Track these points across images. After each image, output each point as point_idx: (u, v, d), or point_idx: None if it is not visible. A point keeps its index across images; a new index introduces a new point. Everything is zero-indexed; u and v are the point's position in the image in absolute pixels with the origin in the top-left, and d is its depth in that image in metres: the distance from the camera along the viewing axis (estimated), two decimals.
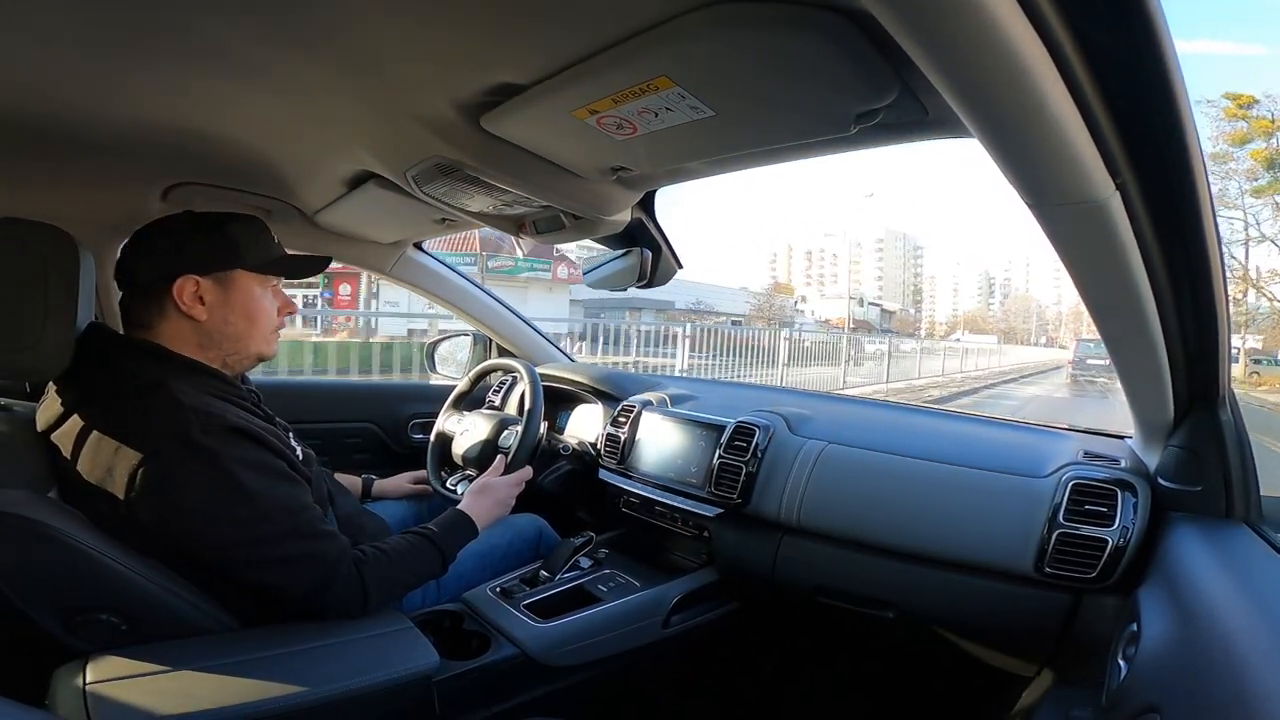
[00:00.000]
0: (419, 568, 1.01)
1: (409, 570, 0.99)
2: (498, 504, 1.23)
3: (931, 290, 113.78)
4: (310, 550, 0.87)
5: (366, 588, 0.90)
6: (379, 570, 0.93)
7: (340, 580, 0.88)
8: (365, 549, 0.94)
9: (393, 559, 0.96)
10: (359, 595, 0.90)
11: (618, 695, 1.20)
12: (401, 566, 0.97)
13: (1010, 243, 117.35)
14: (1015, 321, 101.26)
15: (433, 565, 1.02)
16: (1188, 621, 0.68)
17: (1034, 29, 0.43)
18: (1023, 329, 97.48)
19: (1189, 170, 0.56)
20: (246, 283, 0.97)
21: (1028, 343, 72.43)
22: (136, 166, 1.17)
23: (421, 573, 1.01)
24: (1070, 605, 0.99)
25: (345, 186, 1.27)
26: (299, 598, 0.87)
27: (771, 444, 1.30)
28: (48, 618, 0.75)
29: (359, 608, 0.91)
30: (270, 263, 0.99)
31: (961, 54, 0.44)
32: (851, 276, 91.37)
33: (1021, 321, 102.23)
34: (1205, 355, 0.80)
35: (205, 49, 0.74)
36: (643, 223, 1.30)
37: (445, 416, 1.69)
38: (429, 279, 1.87)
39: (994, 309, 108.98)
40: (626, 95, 0.72)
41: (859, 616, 1.18)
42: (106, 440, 0.82)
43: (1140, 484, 0.98)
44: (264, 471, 0.87)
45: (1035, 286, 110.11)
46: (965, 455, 1.15)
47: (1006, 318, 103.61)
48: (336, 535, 0.91)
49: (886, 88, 0.66)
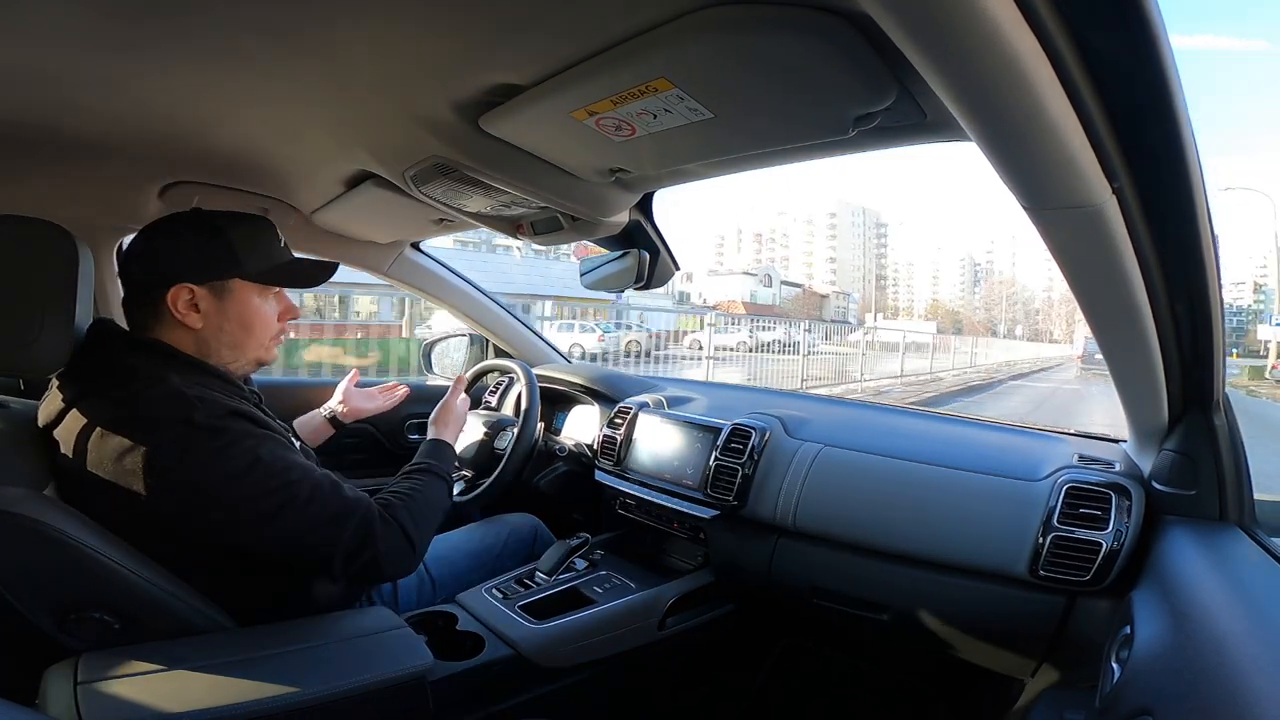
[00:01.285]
0: (434, 498, 1.00)
1: (428, 503, 0.98)
2: (457, 421, 1.26)
3: (909, 278, 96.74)
4: (340, 500, 0.86)
5: (406, 532, 0.90)
6: (407, 512, 0.92)
7: (379, 531, 0.87)
8: (383, 497, 0.94)
9: (413, 497, 0.95)
10: (404, 541, 0.89)
11: (613, 696, 1.20)
12: (423, 502, 0.97)
13: (994, 222, 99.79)
14: (996, 311, 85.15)
15: (441, 492, 1.03)
16: (1181, 624, 0.68)
17: (1033, 33, 0.43)
18: (994, 320, 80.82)
19: (1186, 175, 0.56)
20: (244, 292, 0.94)
21: (1013, 336, 62.11)
22: (133, 165, 1.16)
23: (438, 503, 1.01)
24: (1064, 608, 0.99)
25: (343, 186, 1.27)
26: (347, 555, 0.85)
27: (768, 446, 1.30)
28: (40, 615, 0.74)
29: (410, 553, 0.90)
30: (270, 271, 0.96)
31: (960, 57, 0.44)
32: (806, 259, 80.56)
33: (994, 311, 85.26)
34: (1200, 359, 0.80)
35: (202, 48, 0.74)
36: (641, 224, 1.30)
37: None
38: (426, 279, 1.87)
39: (977, 296, 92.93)
40: (625, 97, 0.72)
41: (854, 619, 1.19)
42: (108, 434, 0.81)
43: (1134, 487, 0.98)
44: (274, 443, 0.86)
45: (1023, 270, 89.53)
46: (960, 458, 1.15)
47: (986, 307, 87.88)
48: (360, 492, 0.90)
49: (885, 91, 0.67)
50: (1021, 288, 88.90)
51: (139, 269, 0.93)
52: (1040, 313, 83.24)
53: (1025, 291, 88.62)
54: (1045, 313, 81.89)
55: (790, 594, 1.26)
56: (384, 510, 0.90)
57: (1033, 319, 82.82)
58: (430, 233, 1.64)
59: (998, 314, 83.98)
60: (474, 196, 1.11)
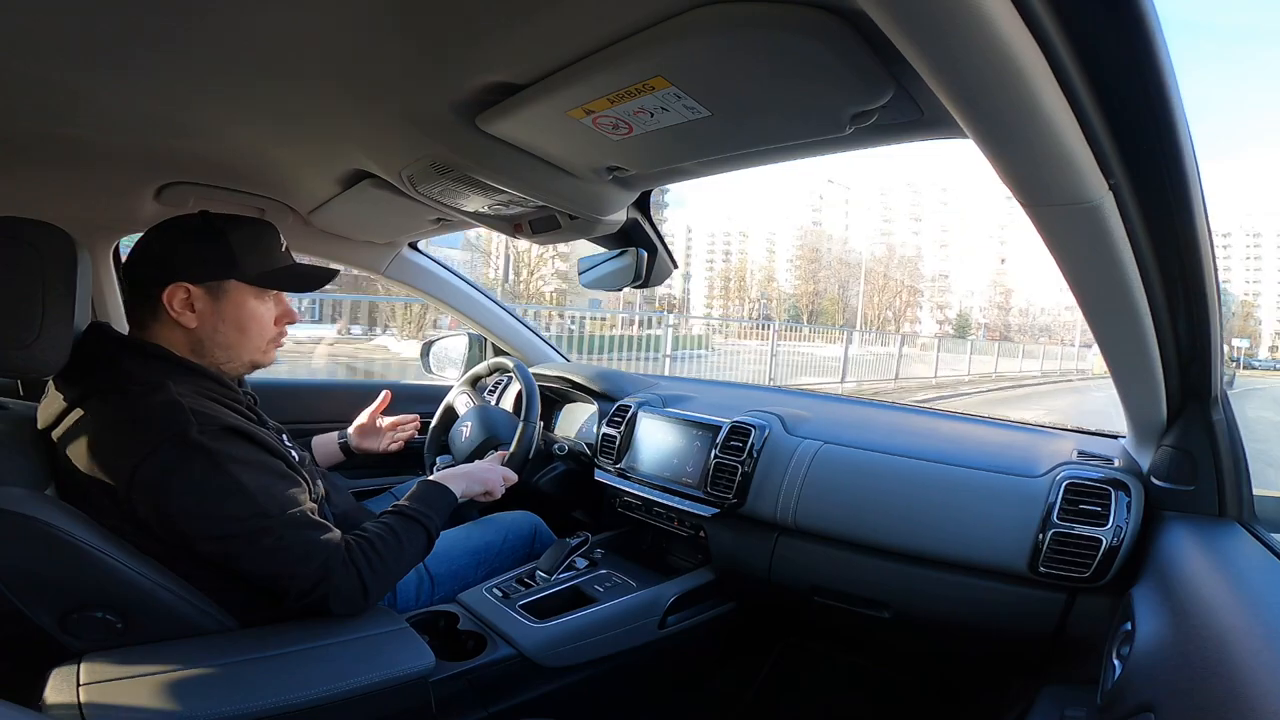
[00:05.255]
0: (405, 547, 0.96)
1: (395, 553, 0.95)
2: (469, 477, 1.18)
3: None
4: (307, 540, 0.86)
5: (363, 579, 0.89)
6: (367, 560, 0.90)
7: (336, 574, 0.87)
8: (351, 537, 0.92)
9: (382, 544, 0.93)
10: (357, 587, 0.88)
11: (614, 695, 1.20)
12: (389, 550, 0.93)
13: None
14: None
15: (417, 542, 0.98)
16: (1181, 620, 0.68)
17: (1028, 29, 0.43)
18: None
19: (1182, 171, 0.56)
20: (240, 294, 0.95)
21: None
22: (130, 166, 1.16)
23: (407, 552, 0.97)
24: (1064, 604, 0.99)
25: (340, 186, 1.26)
26: (301, 591, 0.86)
27: (767, 444, 1.30)
28: (43, 615, 0.75)
29: (360, 598, 0.89)
30: (267, 275, 0.97)
31: (956, 54, 0.44)
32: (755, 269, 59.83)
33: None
34: (1198, 355, 0.80)
35: (196, 50, 0.74)
36: (638, 223, 1.30)
37: (458, 392, 1.73)
38: (424, 279, 1.87)
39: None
40: (622, 95, 0.72)
41: (855, 616, 1.19)
42: (106, 438, 0.83)
43: (1134, 483, 0.98)
44: (260, 469, 0.87)
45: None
46: (960, 455, 1.15)
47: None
48: (332, 529, 0.90)
49: (881, 88, 0.67)
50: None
51: (139, 267, 0.94)
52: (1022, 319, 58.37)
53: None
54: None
55: (790, 592, 1.26)
56: (347, 553, 0.89)
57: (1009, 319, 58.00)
58: (428, 232, 1.64)
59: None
60: (471, 196, 1.11)
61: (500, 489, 1.25)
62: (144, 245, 0.95)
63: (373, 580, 0.90)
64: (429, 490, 1.08)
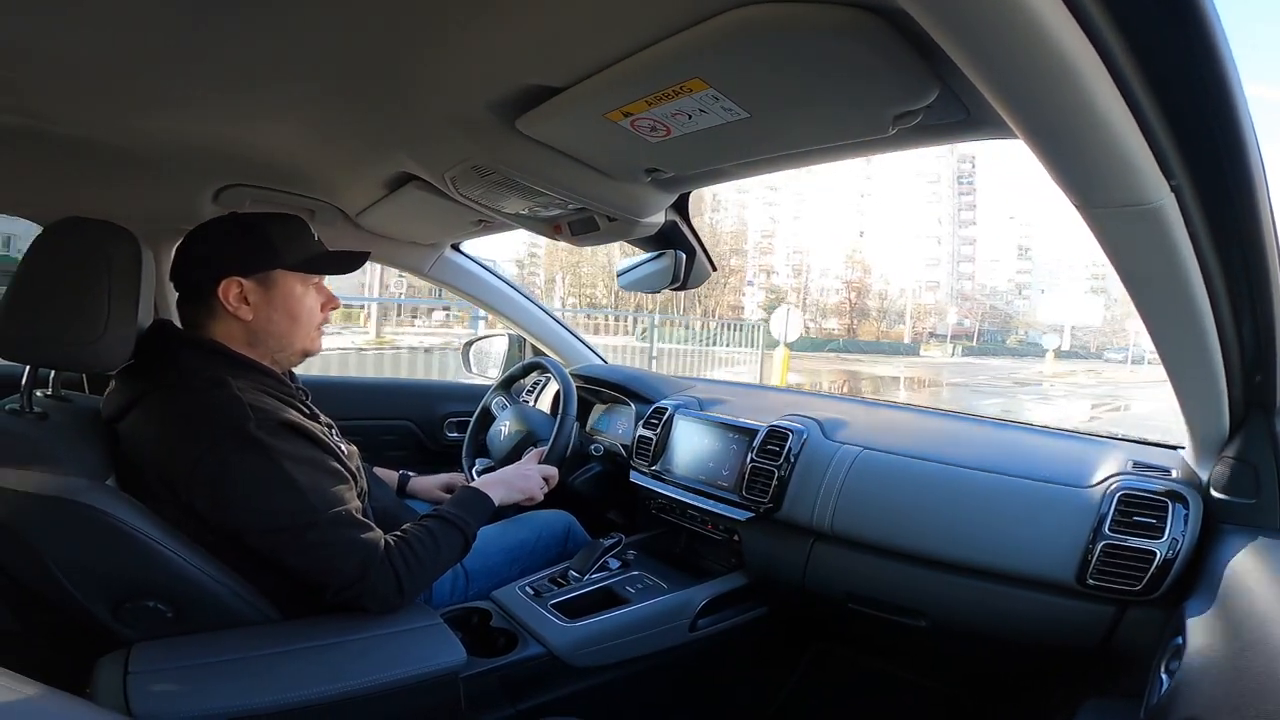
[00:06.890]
0: (442, 551, 0.99)
1: (434, 555, 0.97)
2: (508, 485, 1.20)
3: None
4: (349, 539, 0.89)
5: (399, 579, 0.91)
6: (405, 561, 0.93)
7: (375, 570, 0.89)
8: (391, 538, 0.94)
9: (421, 545, 0.96)
10: (394, 587, 0.91)
11: (642, 697, 1.20)
12: (428, 552, 0.96)
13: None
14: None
15: (454, 547, 1.01)
16: (1235, 636, 0.65)
17: (1078, 24, 0.42)
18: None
19: (1247, 171, 0.53)
20: (288, 282, 1.00)
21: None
22: (190, 170, 1.22)
23: (445, 556, 1.00)
24: (1113, 617, 0.96)
25: (386, 188, 1.30)
26: (340, 587, 0.88)
27: (805, 449, 1.28)
28: (98, 604, 0.78)
29: (395, 597, 0.91)
30: (308, 260, 1.02)
31: (1003, 52, 0.43)
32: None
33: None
34: (1264, 364, 0.77)
35: (251, 61, 0.77)
36: (676, 225, 1.30)
37: (493, 396, 1.75)
38: (466, 280, 1.91)
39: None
40: (660, 97, 0.72)
41: (890, 624, 1.16)
42: (169, 431, 0.87)
43: (1192, 496, 0.94)
44: (311, 465, 0.90)
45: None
46: (1006, 464, 1.12)
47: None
48: (373, 528, 0.93)
49: (925, 89, 0.65)
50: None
51: (191, 268, 0.98)
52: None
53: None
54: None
55: (825, 598, 1.24)
56: (385, 553, 0.91)
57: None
58: (470, 234, 1.67)
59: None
60: (512, 198, 1.12)
61: (540, 493, 1.27)
62: (187, 248, 1.00)
63: (409, 581, 0.93)
64: (469, 496, 1.11)
